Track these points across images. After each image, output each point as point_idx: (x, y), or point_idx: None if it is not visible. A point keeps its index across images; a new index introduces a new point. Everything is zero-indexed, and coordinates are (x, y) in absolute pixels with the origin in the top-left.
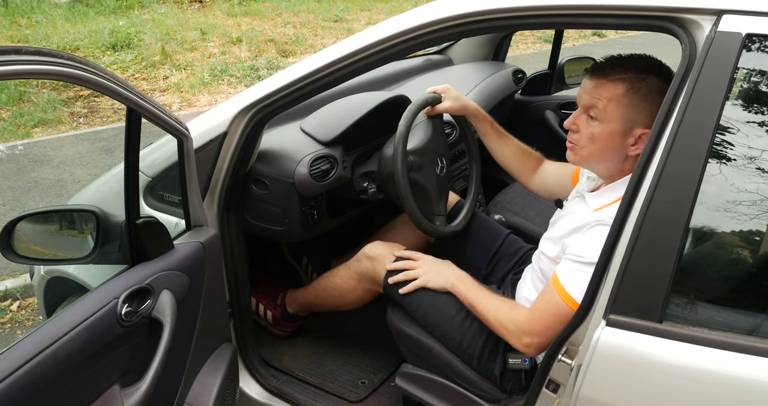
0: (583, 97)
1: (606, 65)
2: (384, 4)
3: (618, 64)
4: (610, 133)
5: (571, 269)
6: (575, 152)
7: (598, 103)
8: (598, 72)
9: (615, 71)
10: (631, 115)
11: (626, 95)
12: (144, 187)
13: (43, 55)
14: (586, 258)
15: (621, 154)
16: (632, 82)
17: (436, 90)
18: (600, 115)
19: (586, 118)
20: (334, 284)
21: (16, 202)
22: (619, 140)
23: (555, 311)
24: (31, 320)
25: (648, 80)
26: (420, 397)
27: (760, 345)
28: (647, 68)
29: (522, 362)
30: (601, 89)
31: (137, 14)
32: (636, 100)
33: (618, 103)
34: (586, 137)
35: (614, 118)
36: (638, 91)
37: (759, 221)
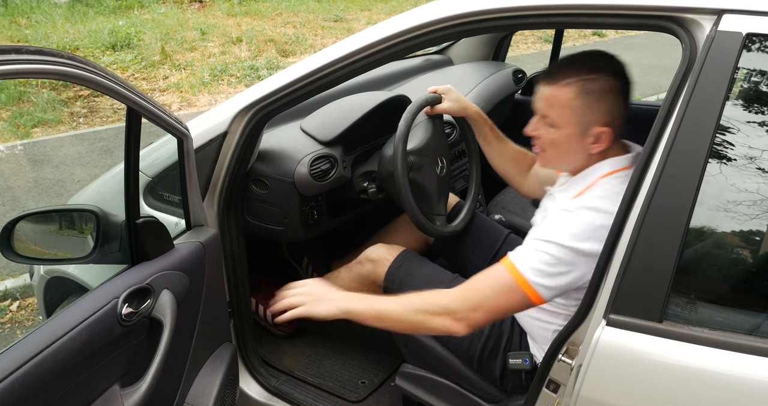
0: (538, 105)
1: (554, 70)
2: (384, 4)
3: (565, 68)
4: (568, 137)
5: (522, 246)
6: (542, 157)
7: (551, 111)
8: (548, 78)
9: (563, 76)
10: (584, 117)
11: (576, 98)
12: (144, 187)
13: (43, 55)
14: (538, 236)
15: (584, 153)
16: (581, 85)
17: (437, 90)
18: (555, 122)
19: (544, 124)
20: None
21: (16, 202)
22: (578, 142)
23: (494, 282)
24: (31, 320)
25: (598, 79)
26: (420, 397)
27: (760, 345)
28: (595, 67)
29: (522, 363)
30: (551, 96)
31: (137, 14)
32: (587, 102)
33: (569, 108)
34: (548, 143)
35: (569, 122)
36: (588, 93)
37: (759, 221)
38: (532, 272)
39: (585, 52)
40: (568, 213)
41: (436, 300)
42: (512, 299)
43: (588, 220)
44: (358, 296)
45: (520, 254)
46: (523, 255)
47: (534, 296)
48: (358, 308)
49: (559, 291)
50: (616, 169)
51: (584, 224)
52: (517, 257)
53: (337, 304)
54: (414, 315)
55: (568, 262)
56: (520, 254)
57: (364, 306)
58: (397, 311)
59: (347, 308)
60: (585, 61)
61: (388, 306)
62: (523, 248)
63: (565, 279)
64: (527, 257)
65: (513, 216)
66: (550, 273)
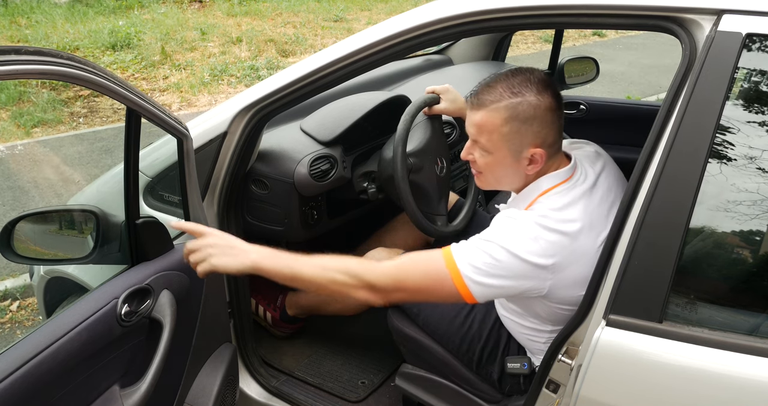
0: (468, 130)
1: (480, 94)
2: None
3: (491, 91)
4: (502, 161)
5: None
6: (480, 179)
7: (481, 137)
8: (475, 102)
9: (489, 100)
10: (515, 141)
11: (505, 124)
12: (144, 188)
13: (43, 55)
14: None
15: (520, 174)
16: (508, 109)
17: (435, 90)
18: (486, 147)
19: (477, 148)
20: None
21: (16, 202)
22: (513, 165)
23: (426, 268)
24: (31, 320)
25: (524, 101)
26: (420, 397)
27: (760, 345)
28: (521, 86)
29: (521, 367)
30: (480, 122)
31: (137, 14)
32: (516, 127)
33: (499, 133)
34: (483, 166)
35: (501, 147)
36: (516, 117)
37: (759, 221)
38: (467, 267)
39: (510, 71)
40: (511, 219)
41: (361, 273)
42: (440, 289)
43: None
44: (271, 252)
45: (461, 248)
46: (463, 249)
47: (465, 291)
48: (272, 264)
49: (493, 294)
50: (555, 184)
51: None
52: (458, 250)
53: (249, 257)
54: (333, 284)
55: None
56: (462, 248)
57: (279, 264)
58: (316, 276)
59: (259, 264)
60: (508, 82)
61: (305, 269)
62: (467, 243)
63: (500, 282)
64: (467, 252)
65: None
66: (485, 272)
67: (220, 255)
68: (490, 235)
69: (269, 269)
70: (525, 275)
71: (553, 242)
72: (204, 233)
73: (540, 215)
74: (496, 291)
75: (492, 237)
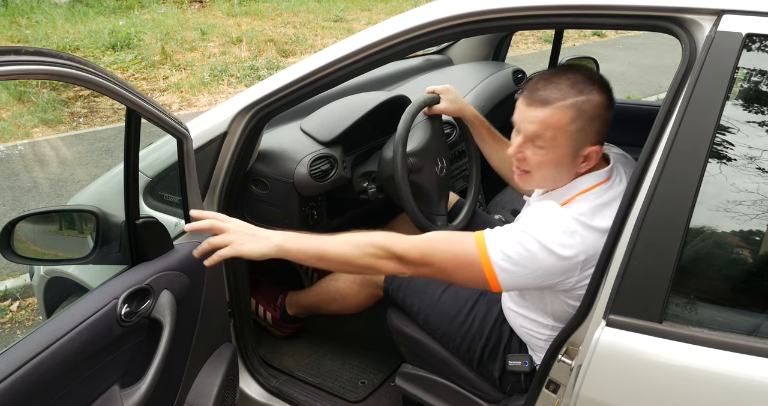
0: (525, 127)
1: (542, 90)
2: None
3: (556, 88)
4: (558, 159)
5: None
6: (525, 178)
7: (545, 134)
8: (538, 99)
9: (556, 97)
10: (578, 140)
11: (573, 122)
12: (144, 188)
13: (43, 56)
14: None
15: (570, 173)
16: (576, 107)
17: (436, 90)
18: (547, 145)
19: (531, 145)
20: (337, 288)
21: (16, 202)
22: (568, 163)
23: (456, 249)
24: (31, 320)
25: (590, 99)
26: (420, 397)
27: (760, 345)
28: (585, 84)
29: (522, 365)
30: (545, 119)
31: (137, 14)
32: (582, 125)
33: (564, 131)
34: (535, 164)
35: (562, 145)
36: (583, 115)
37: (759, 221)
38: (499, 254)
39: (569, 68)
40: (550, 212)
41: (390, 245)
42: (466, 272)
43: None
44: (295, 234)
45: (494, 234)
46: (496, 236)
47: (492, 278)
48: (297, 245)
49: (520, 284)
50: (595, 184)
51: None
52: (491, 236)
53: (273, 241)
54: (362, 258)
55: (537, 257)
56: (494, 235)
57: (304, 244)
58: (344, 252)
59: (283, 246)
60: (572, 80)
61: (332, 246)
62: (500, 230)
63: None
64: (500, 240)
65: (513, 216)
66: (516, 262)
67: (244, 241)
68: (525, 225)
69: (295, 251)
70: (555, 269)
71: (587, 238)
72: (225, 220)
73: (578, 212)
74: (524, 282)
75: (527, 228)
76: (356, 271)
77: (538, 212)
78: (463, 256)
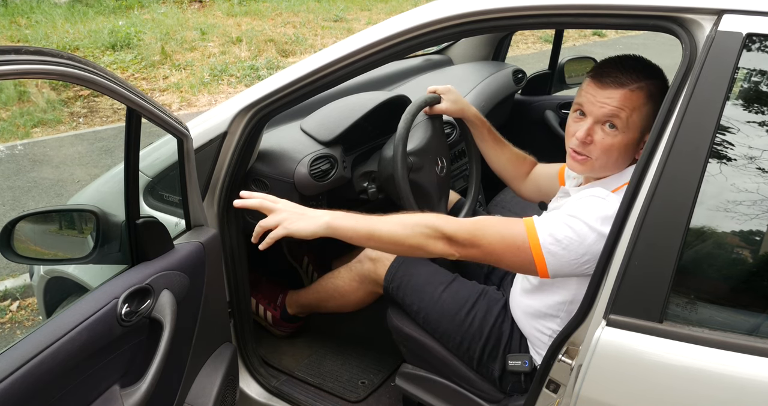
0: (599, 109)
1: (618, 73)
2: (384, 4)
3: (631, 71)
4: (628, 143)
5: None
6: (586, 164)
7: (622, 113)
8: (614, 81)
9: (631, 79)
10: (647, 122)
11: (646, 104)
12: (144, 187)
13: (43, 55)
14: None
15: (629, 159)
16: (649, 89)
17: (437, 90)
18: (622, 126)
19: (601, 128)
20: (336, 285)
21: (16, 202)
22: (633, 148)
23: (506, 232)
24: (31, 320)
25: (656, 83)
26: (420, 397)
27: (760, 345)
28: (652, 71)
29: (522, 364)
30: (623, 99)
31: (137, 14)
32: (652, 108)
33: (640, 112)
34: (602, 149)
35: (635, 127)
36: (653, 97)
37: (759, 221)
38: (549, 239)
39: (632, 56)
40: (600, 199)
41: (440, 225)
42: (515, 256)
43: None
44: (344, 214)
45: (543, 220)
46: (546, 221)
47: (540, 263)
48: (347, 224)
49: (568, 271)
50: None
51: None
52: (540, 221)
53: (323, 219)
54: (413, 238)
55: (587, 242)
56: (544, 220)
57: (354, 223)
58: (395, 231)
59: (333, 224)
60: (639, 64)
61: (382, 225)
62: (549, 216)
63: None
64: (550, 225)
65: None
66: (566, 246)
67: (294, 220)
68: (576, 211)
69: (345, 229)
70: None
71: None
72: (275, 201)
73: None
74: (570, 268)
75: (578, 214)
76: (405, 251)
77: (587, 199)
78: (512, 239)
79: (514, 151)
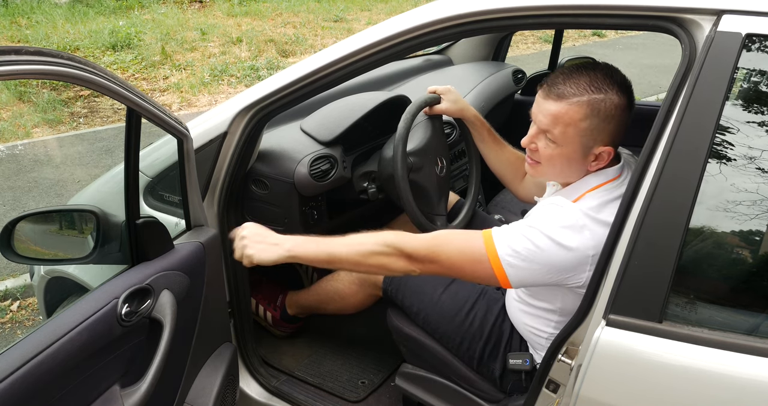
0: (539, 119)
1: (560, 84)
2: (384, 4)
3: (574, 84)
4: (568, 155)
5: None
6: (535, 169)
7: (555, 128)
8: (554, 93)
9: (572, 92)
10: (590, 137)
11: (585, 120)
12: (144, 187)
13: (43, 55)
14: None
15: (581, 170)
16: (591, 105)
17: (437, 90)
18: (557, 140)
19: (544, 137)
20: (336, 288)
21: (16, 202)
22: (579, 160)
23: (464, 246)
24: (31, 320)
25: (606, 98)
26: (420, 397)
27: (760, 345)
28: (604, 83)
29: (522, 363)
30: (558, 113)
31: (137, 14)
32: (595, 124)
33: (576, 127)
34: (545, 157)
35: (572, 141)
36: (597, 114)
37: (759, 221)
38: (507, 250)
39: (588, 64)
40: (558, 207)
41: (398, 243)
42: (475, 269)
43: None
44: (304, 239)
45: (502, 231)
46: (504, 232)
47: (501, 274)
48: (307, 250)
49: (530, 281)
50: (605, 181)
51: (572, 219)
52: (498, 233)
53: (284, 247)
54: (372, 257)
55: (546, 252)
56: (502, 231)
57: (314, 249)
58: (354, 253)
59: (294, 252)
60: (593, 77)
61: (341, 248)
62: (508, 227)
63: (539, 269)
64: (508, 236)
65: (513, 216)
66: (525, 257)
67: (256, 250)
68: (534, 221)
69: (305, 254)
70: (564, 264)
71: (597, 233)
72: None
73: (587, 206)
74: (533, 278)
75: (536, 224)
76: (367, 270)
77: (546, 207)
78: (471, 252)
79: (513, 153)
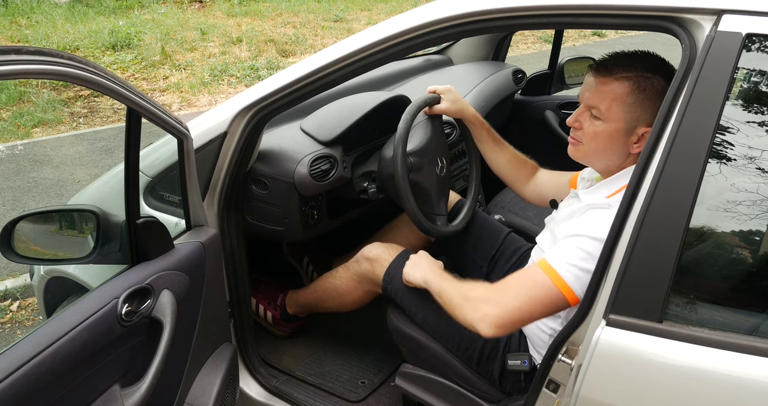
0: (586, 95)
1: (610, 63)
2: (384, 4)
3: (623, 62)
4: (612, 132)
5: (558, 246)
6: (577, 149)
7: (602, 103)
8: (602, 70)
9: (620, 69)
10: (634, 114)
11: (630, 94)
12: (144, 187)
13: (43, 55)
14: (573, 231)
15: (623, 151)
16: (637, 81)
17: (437, 90)
18: (603, 115)
19: (589, 115)
20: (334, 285)
21: (16, 202)
22: (621, 139)
23: (528, 281)
24: (31, 320)
25: (653, 79)
26: (420, 397)
27: (760, 345)
28: (653, 67)
29: (521, 364)
30: (604, 88)
31: (137, 14)
32: (640, 100)
33: (622, 102)
34: (589, 135)
35: (617, 117)
36: (643, 91)
37: (759, 221)
38: (566, 267)
39: (640, 51)
40: (603, 210)
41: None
42: (546, 297)
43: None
44: (438, 272)
45: (554, 254)
46: (557, 254)
47: (568, 293)
48: (432, 282)
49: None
50: None
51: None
52: (552, 256)
53: (422, 274)
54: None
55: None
56: (555, 254)
57: (436, 282)
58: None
59: (426, 280)
60: (642, 59)
61: (446, 286)
62: (556, 248)
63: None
64: (561, 255)
65: (513, 216)
66: (583, 267)
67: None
68: (578, 229)
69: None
70: None
71: None
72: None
73: None
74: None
75: (581, 230)
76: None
77: (588, 215)
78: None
79: (513, 153)
